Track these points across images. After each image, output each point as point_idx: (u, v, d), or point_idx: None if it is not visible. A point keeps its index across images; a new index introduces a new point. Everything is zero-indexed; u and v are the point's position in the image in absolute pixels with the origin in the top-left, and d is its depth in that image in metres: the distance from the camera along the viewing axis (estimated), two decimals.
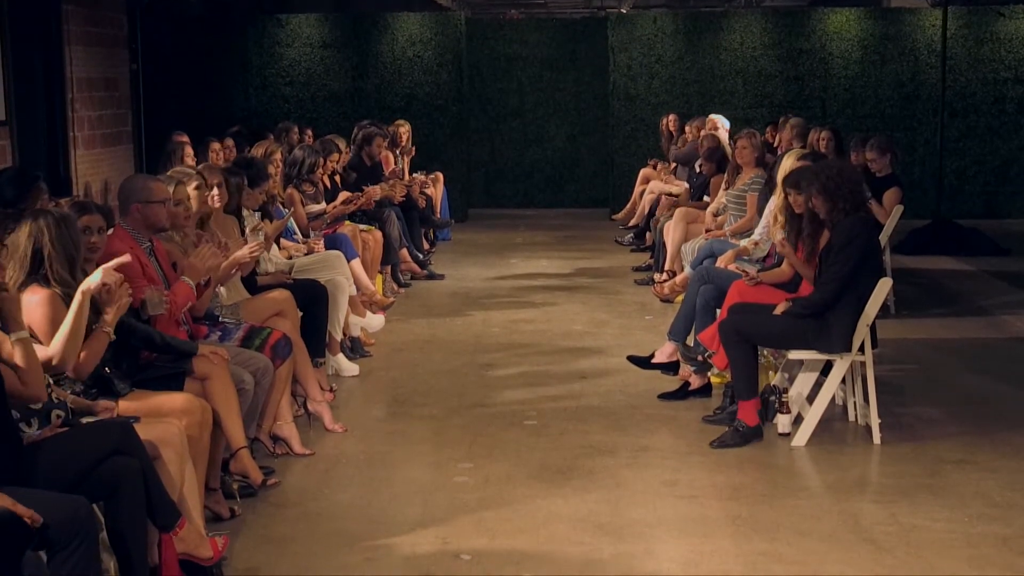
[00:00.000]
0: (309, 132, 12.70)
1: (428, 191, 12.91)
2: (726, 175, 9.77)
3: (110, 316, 4.77)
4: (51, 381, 4.59)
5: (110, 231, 5.64)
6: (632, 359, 7.74)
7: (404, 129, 13.14)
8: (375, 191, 10.36)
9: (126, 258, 4.91)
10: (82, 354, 4.67)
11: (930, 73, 15.52)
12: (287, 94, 15.87)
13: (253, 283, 6.98)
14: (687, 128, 13.15)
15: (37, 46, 10.74)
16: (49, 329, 4.59)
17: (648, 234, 12.45)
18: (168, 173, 6.33)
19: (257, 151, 8.82)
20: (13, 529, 3.59)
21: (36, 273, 4.67)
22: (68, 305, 4.65)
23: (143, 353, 5.34)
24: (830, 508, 5.48)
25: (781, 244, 6.81)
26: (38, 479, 4.04)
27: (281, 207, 8.49)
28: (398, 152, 12.83)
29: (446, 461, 6.16)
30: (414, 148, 13.33)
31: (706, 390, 7.24)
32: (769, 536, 5.13)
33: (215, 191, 6.79)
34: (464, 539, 5.13)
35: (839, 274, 6.16)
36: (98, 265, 4.87)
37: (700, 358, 7.10)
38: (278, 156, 8.79)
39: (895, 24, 15.91)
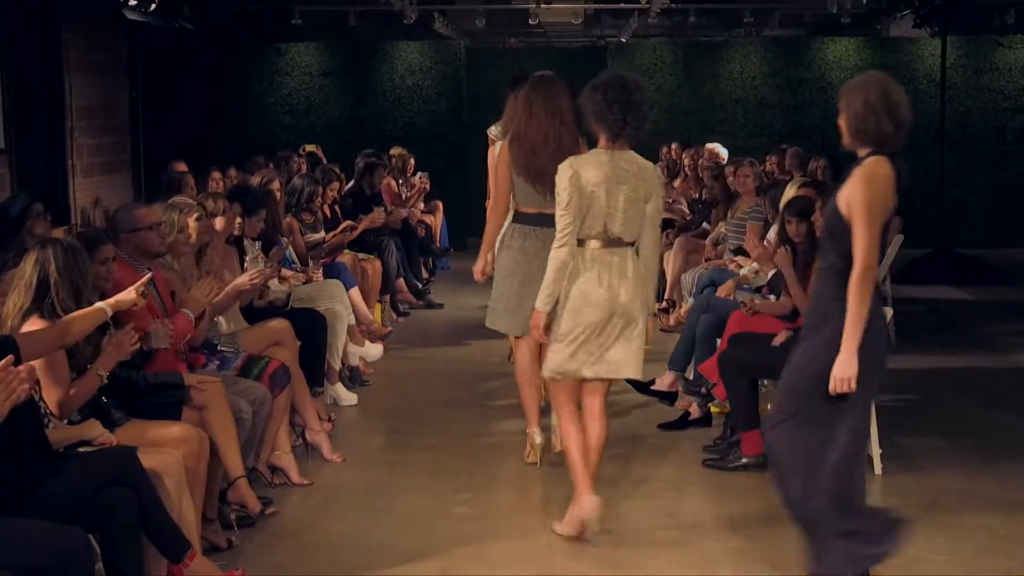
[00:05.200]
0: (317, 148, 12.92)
1: (427, 219, 12.94)
2: (724, 204, 9.78)
3: (106, 361, 4.78)
4: (49, 413, 4.58)
5: None
6: (631, 382, 7.67)
7: (412, 162, 13.18)
8: (366, 224, 10.24)
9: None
10: (71, 390, 4.67)
11: (930, 102, 15.55)
12: (286, 122, 15.91)
13: (251, 312, 6.98)
14: (684, 156, 13.17)
15: (36, 73, 10.77)
16: (44, 362, 4.56)
17: None
18: (170, 202, 6.35)
19: (255, 180, 8.83)
20: None
21: (41, 302, 4.65)
22: None
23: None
24: None
25: (766, 250, 6.79)
26: (35, 508, 4.02)
27: (279, 236, 8.48)
28: (401, 181, 12.84)
29: (445, 491, 6.14)
30: (427, 181, 13.00)
31: (706, 420, 7.24)
32: (770, 566, 5.11)
33: (219, 218, 6.81)
34: (463, 570, 5.11)
35: None
36: (108, 294, 4.93)
37: (703, 390, 7.09)
38: (276, 185, 8.79)
39: (894, 53, 15.98)
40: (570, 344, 5.30)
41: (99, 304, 4.65)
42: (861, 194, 4.29)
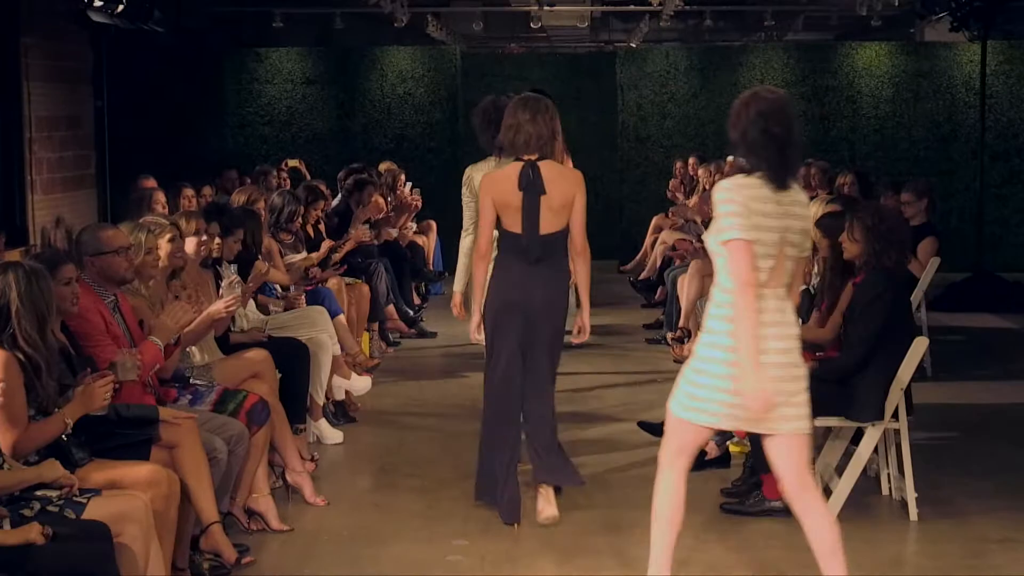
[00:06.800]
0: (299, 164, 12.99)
1: (419, 240, 12.95)
2: None
3: (75, 410, 4.78)
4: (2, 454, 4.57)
5: None
6: (643, 425, 7.72)
7: (402, 178, 13.22)
8: (352, 244, 10.26)
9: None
10: (29, 431, 4.65)
11: (968, 112, 15.62)
12: (266, 134, 15.96)
13: (227, 342, 6.98)
14: (700, 172, 13.19)
15: None
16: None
17: (661, 288, 12.47)
18: (139, 221, 6.36)
19: (238, 198, 8.84)
20: None
21: (1, 332, 4.65)
22: (25, 369, 4.64)
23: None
24: None
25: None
26: None
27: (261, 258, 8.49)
28: (390, 199, 12.85)
29: (438, 537, 6.14)
30: (418, 197, 12.98)
31: (724, 460, 7.23)
32: None
33: (193, 239, 6.85)
34: None
35: (865, 335, 6.15)
36: (72, 319, 4.95)
37: None
38: (261, 204, 8.79)
39: (929, 59, 16.03)
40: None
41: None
42: None
